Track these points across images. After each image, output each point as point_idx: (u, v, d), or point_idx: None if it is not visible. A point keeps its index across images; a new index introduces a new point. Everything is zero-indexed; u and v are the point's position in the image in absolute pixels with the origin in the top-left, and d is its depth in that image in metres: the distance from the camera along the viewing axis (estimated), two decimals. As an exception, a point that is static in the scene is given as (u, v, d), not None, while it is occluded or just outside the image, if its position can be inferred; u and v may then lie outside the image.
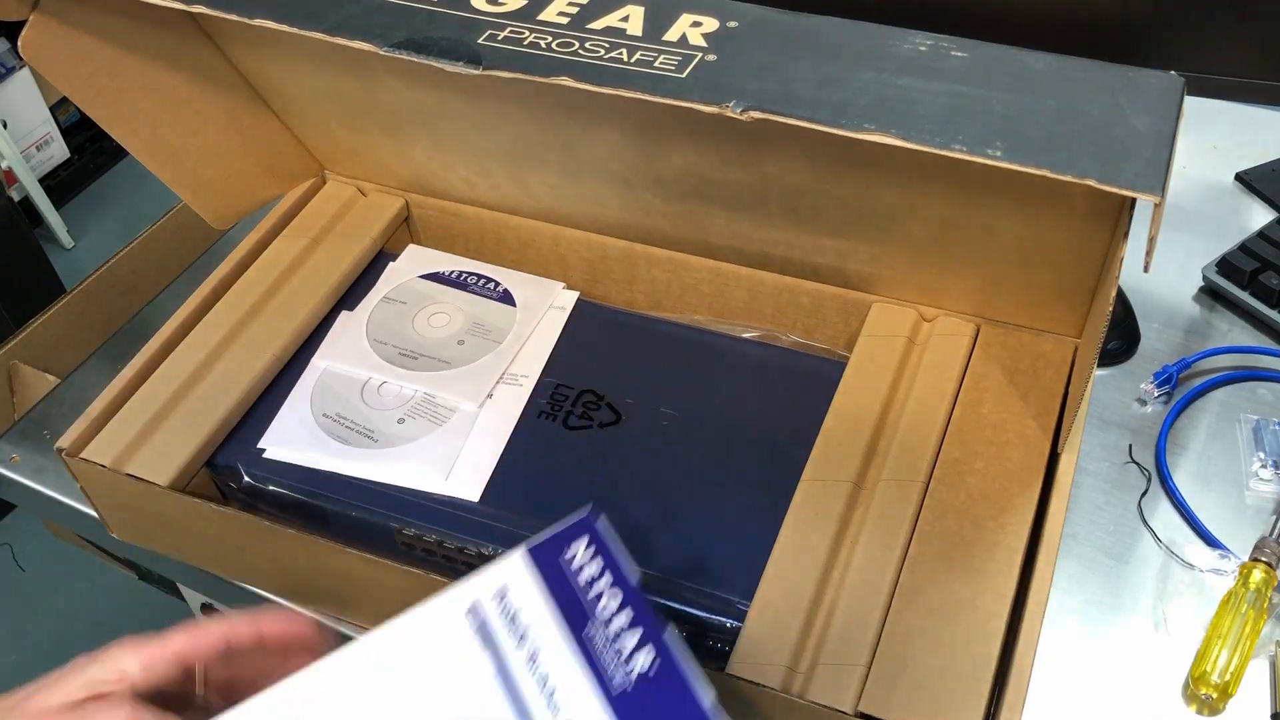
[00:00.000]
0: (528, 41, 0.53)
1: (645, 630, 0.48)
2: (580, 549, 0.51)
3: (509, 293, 0.76)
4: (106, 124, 0.70)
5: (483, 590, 0.51)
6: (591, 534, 0.51)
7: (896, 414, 0.65)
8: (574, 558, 0.51)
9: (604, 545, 0.51)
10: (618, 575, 0.50)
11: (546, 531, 0.51)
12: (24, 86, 2.13)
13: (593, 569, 0.50)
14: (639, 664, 0.47)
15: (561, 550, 0.51)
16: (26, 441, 0.82)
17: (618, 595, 0.49)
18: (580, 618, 0.50)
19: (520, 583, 0.51)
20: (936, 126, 0.47)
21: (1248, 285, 0.82)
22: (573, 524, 0.52)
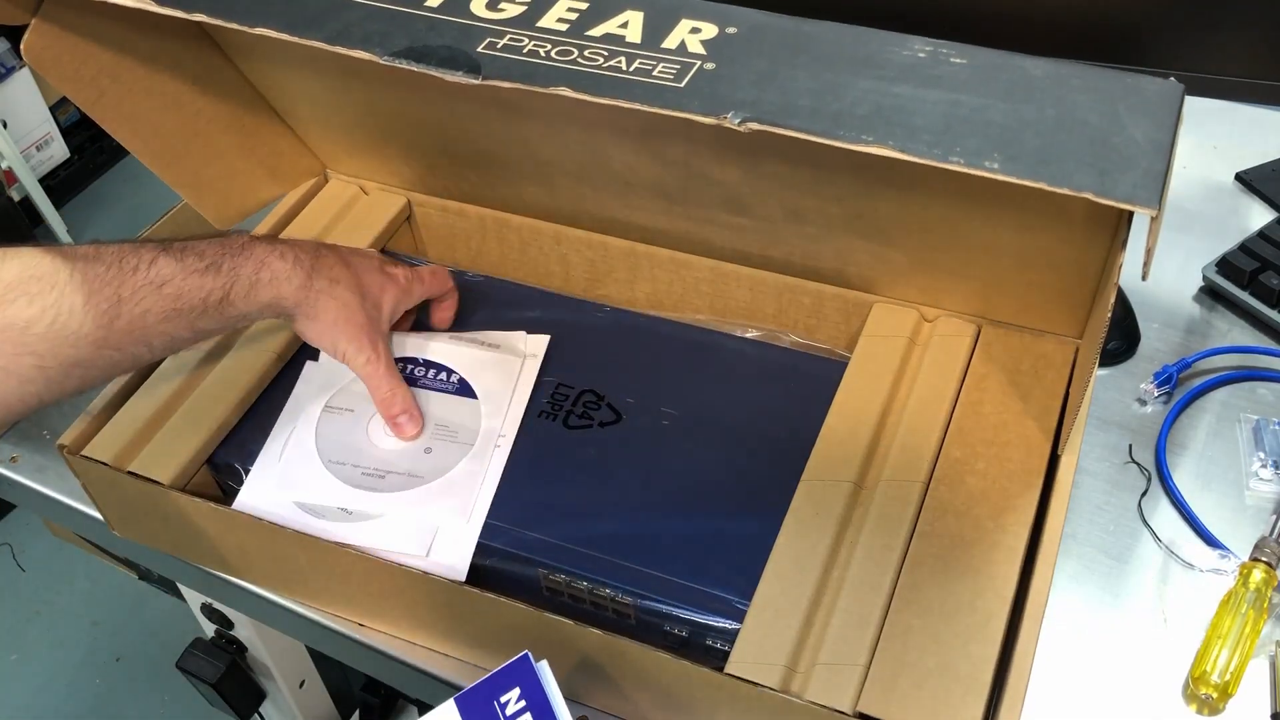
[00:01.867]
0: (527, 49, 0.53)
1: None
2: (514, 696, 0.50)
3: (466, 384, 0.70)
4: (109, 126, 0.70)
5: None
6: (525, 682, 0.50)
7: (897, 414, 0.65)
8: (507, 704, 0.49)
9: (539, 694, 0.49)
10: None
11: (482, 680, 0.50)
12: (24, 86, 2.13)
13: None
14: None
15: (495, 695, 0.50)
16: (27, 441, 0.82)
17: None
18: None
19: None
20: (935, 137, 0.47)
21: (1248, 285, 0.82)
22: (508, 668, 0.50)
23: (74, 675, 1.66)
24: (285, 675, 1.06)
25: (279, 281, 0.63)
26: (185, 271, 0.59)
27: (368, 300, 0.67)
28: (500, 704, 0.50)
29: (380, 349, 0.67)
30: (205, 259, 0.60)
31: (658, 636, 0.60)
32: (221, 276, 0.61)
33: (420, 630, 0.65)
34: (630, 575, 0.60)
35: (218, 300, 0.60)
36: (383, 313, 0.69)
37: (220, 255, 0.61)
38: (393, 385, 0.67)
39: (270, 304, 0.63)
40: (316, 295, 0.65)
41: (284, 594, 0.70)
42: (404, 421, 0.67)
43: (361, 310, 0.66)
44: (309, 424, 0.69)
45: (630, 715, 0.60)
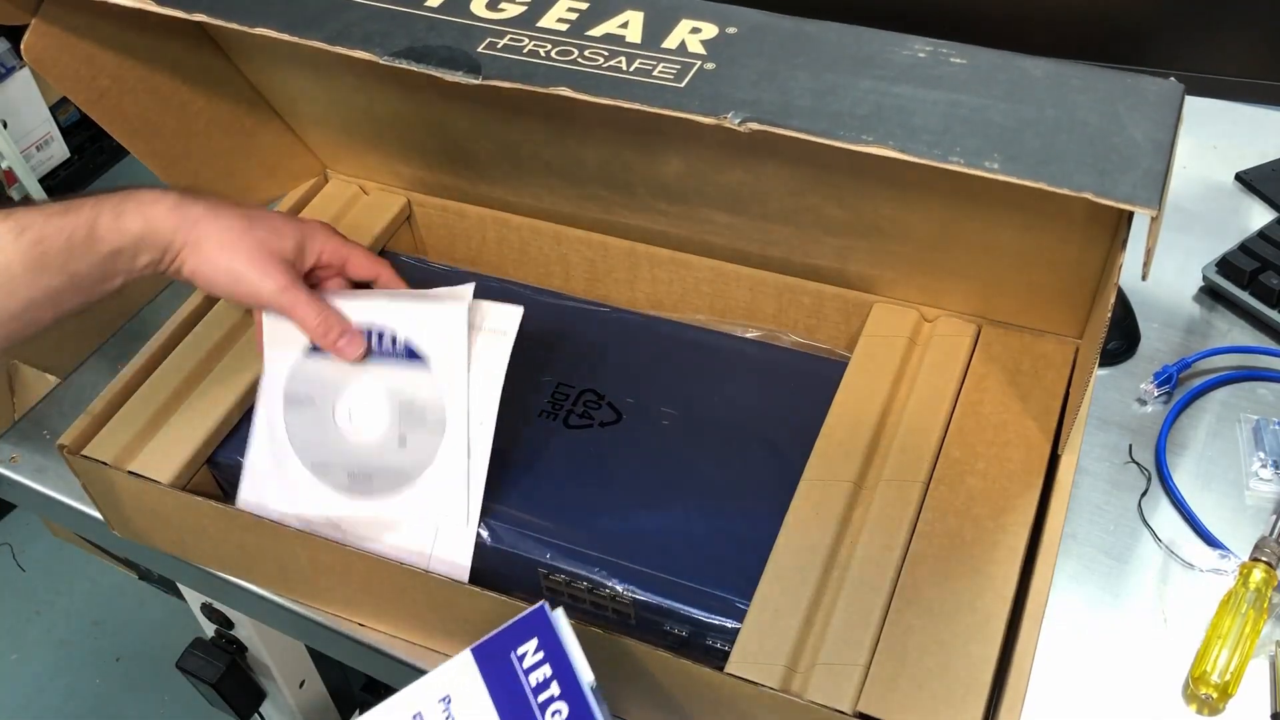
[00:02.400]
0: (527, 49, 0.53)
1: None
2: (531, 649, 0.49)
3: (410, 347, 0.65)
4: (109, 126, 0.70)
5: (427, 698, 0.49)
6: (542, 632, 0.49)
7: (897, 414, 0.65)
8: (524, 657, 0.49)
9: (556, 644, 0.49)
10: (568, 680, 0.48)
11: (497, 630, 0.49)
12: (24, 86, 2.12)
13: (543, 672, 0.48)
14: None
15: (511, 648, 0.49)
16: (26, 441, 0.82)
17: (566, 706, 0.47)
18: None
19: (466, 689, 0.49)
20: (935, 137, 0.47)
21: (1248, 285, 0.82)
22: (523, 618, 0.49)
23: (74, 675, 1.66)
24: (285, 675, 1.06)
25: (145, 205, 0.59)
26: (45, 215, 0.56)
27: (262, 226, 0.63)
28: (517, 655, 0.49)
29: (292, 274, 0.63)
30: (68, 203, 0.58)
31: (658, 636, 0.60)
32: (85, 212, 0.57)
33: (420, 630, 0.65)
34: (630, 575, 0.60)
35: (83, 237, 0.57)
36: (285, 241, 0.64)
37: (85, 198, 0.58)
38: (319, 308, 0.64)
39: (143, 235, 0.59)
40: (196, 219, 0.60)
41: (284, 594, 0.70)
42: (345, 345, 0.64)
43: (253, 234, 0.62)
44: (277, 423, 0.66)
45: (630, 715, 0.60)
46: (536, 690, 0.48)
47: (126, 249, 0.59)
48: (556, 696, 0.47)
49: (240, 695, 1.06)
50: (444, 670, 0.50)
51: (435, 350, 0.65)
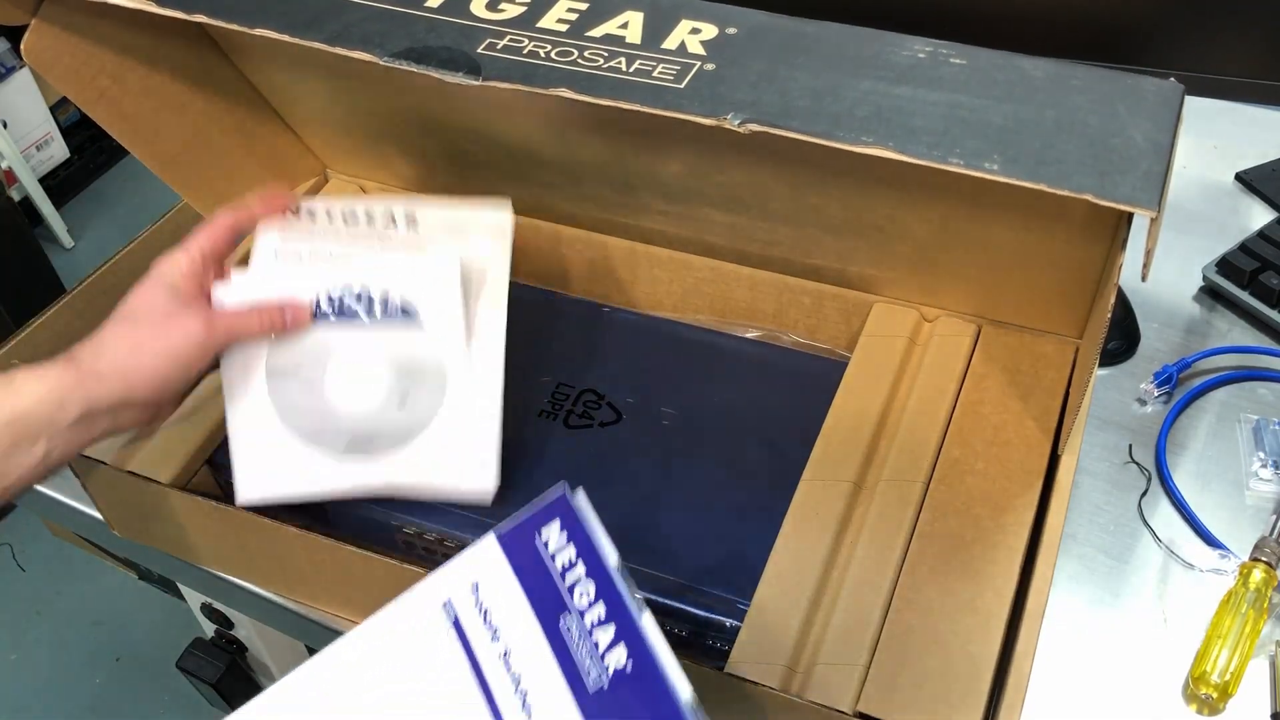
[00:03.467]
0: (527, 50, 0.53)
1: (620, 625, 0.46)
2: (554, 532, 0.49)
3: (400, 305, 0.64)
4: (109, 126, 0.70)
5: (456, 583, 0.50)
6: (565, 515, 0.49)
7: (897, 414, 0.65)
8: (548, 541, 0.49)
9: (579, 527, 0.49)
10: (593, 561, 0.48)
11: (520, 513, 0.49)
12: (24, 86, 2.13)
13: (568, 554, 0.48)
14: (614, 661, 0.46)
15: (535, 534, 0.49)
16: (28, 442, 0.82)
17: (592, 585, 0.47)
18: (556, 607, 0.48)
19: (493, 574, 0.49)
20: (934, 139, 0.47)
21: (1248, 285, 0.82)
22: (545, 506, 0.49)
23: (74, 675, 1.66)
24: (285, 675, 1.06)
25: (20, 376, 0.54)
26: None
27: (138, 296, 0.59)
28: (542, 540, 0.49)
29: (201, 309, 0.60)
30: None
31: (658, 636, 0.60)
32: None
33: (420, 630, 0.65)
34: (630, 574, 0.60)
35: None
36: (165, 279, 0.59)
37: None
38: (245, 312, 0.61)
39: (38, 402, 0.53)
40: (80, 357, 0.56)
41: (284, 594, 0.70)
42: (292, 319, 0.62)
43: (135, 309, 0.58)
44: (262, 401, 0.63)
45: (630, 715, 0.60)
46: (563, 573, 0.48)
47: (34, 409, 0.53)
48: (583, 578, 0.48)
49: (240, 695, 1.06)
50: (469, 557, 0.50)
51: (425, 307, 0.64)
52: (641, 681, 0.45)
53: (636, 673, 0.45)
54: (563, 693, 0.46)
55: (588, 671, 0.46)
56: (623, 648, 0.45)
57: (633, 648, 0.45)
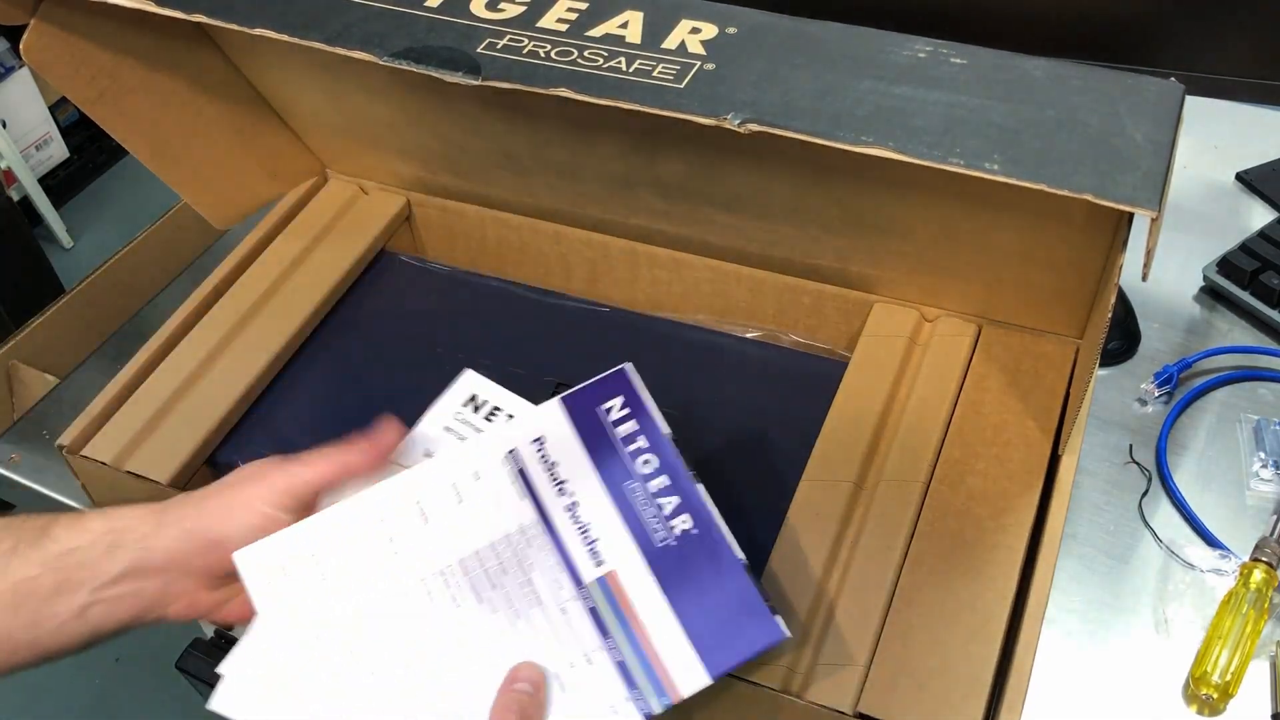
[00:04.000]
0: (527, 50, 0.53)
1: (683, 495, 0.51)
2: (616, 404, 0.53)
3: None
4: (108, 126, 0.70)
5: (519, 436, 0.53)
6: (627, 391, 0.53)
7: (897, 414, 0.65)
8: (610, 410, 0.53)
9: (639, 402, 0.53)
10: (654, 435, 0.52)
11: (582, 384, 0.53)
12: (23, 86, 2.13)
13: (629, 426, 0.52)
14: (680, 524, 0.50)
15: (597, 403, 0.53)
16: (26, 441, 0.82)
17: (655, 458, 0.52)
18: (620, 472, 0.52)
19: (557, 431, 0.53)
20: (935, 138, 0.47)
21: (1248, 285, 0.82)
22: (607, 377, 0.53)
23: (74, 675, 1.66)
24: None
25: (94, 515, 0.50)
26: None
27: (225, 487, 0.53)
28: (603, 410, 0.53)
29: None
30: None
31: (658, 637, 0.60)
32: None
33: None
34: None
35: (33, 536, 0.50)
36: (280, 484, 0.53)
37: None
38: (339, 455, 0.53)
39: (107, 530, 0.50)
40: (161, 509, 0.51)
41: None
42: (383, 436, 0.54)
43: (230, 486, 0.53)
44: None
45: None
46: (625, 441, 0.52)
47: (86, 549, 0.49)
48: (646, 449, 0.52)
49: (240, 695, 1.06)
50: (533, 415, 0.54)
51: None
52: (704, 543, 0.50)
53: (700, 535, 0.50)
54: (630, 545, 0.50)
55: (654, 531, 0.51)
56: (687, 515, 0.51)
57: (696, 514, 0.51)
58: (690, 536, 0.50)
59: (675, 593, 0.50)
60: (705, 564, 0.49)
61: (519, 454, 0.53)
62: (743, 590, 0.49)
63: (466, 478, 0.53)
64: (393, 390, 0.71)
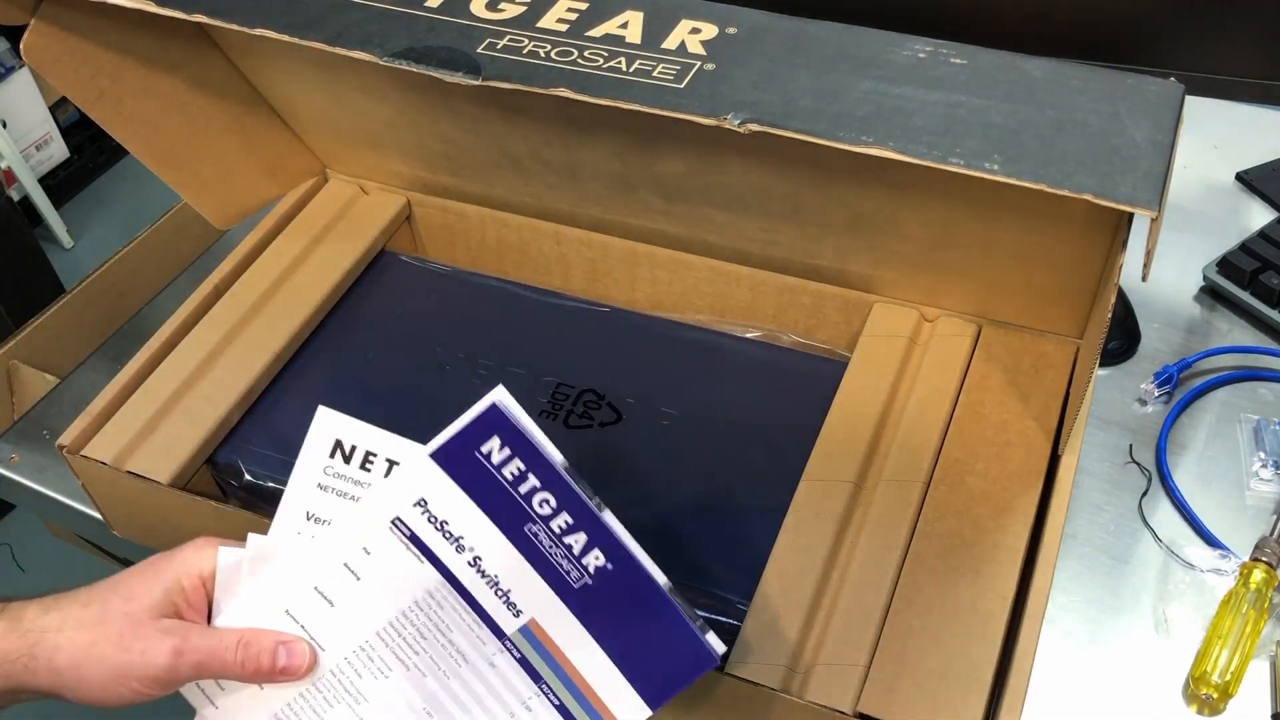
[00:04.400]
0: (527, 50, 0.53)
1: (590, 530, 0.47)
2: (495, 445, 0.47)
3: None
4: (108, 126, 0.70)
5: (400, 502, 0.49)
6: (502, 427, 0.47)
7: (897, 414, 0.65)
8: (490, 453, 0.47)
9: (519, 437, 0.47)
10: (544, 470, 0.47)
11: (448, 429, 0.48)
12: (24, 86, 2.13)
13: (515, 465, 0.47)
14: (592, 560, 0.47)
15: (474, 446, 0.47)
16: (26, 441, 0.82)
17: (551, 495, 0.47)
18: (517, 516, 0.48)
19: (437, 488, 0.48)
20: (934, 138, 0.47)
21: (1248, 285, 0.82)
22: (477, 419, 0.47)
23: (74, 675, 1.66)
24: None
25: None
26: None
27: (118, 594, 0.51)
28: (483, 454, 0.47)
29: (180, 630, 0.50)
30: None
31: (658, 637, 0.60)
32: None
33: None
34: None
35: None
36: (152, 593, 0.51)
37: None
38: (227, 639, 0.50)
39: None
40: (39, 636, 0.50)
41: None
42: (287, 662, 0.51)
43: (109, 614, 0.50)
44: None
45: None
46: (515, 482, 0.47)
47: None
48: (539, 488, 0.47)
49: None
50: (402, 479, 0.49)
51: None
52: (622, 575, 0.47)
53: (616, 570, 0.47)
54: (544, 591, 0.48)
55: (567, 572, 0.48)
56: (598, 551, 0.47)
57: (607, 548, 0.47)
58: (606, 572, 0.47)
59: (601, 631, 0.48)
60: (627, 597, 0.47)
61: (403, 521, 0.49)
62: (670, 617, 0.47)
63: (357, 554, 0.50)
64: (393, 390, 0.71)
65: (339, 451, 0.52)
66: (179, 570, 0.52)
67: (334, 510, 0.52)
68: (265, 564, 0.52)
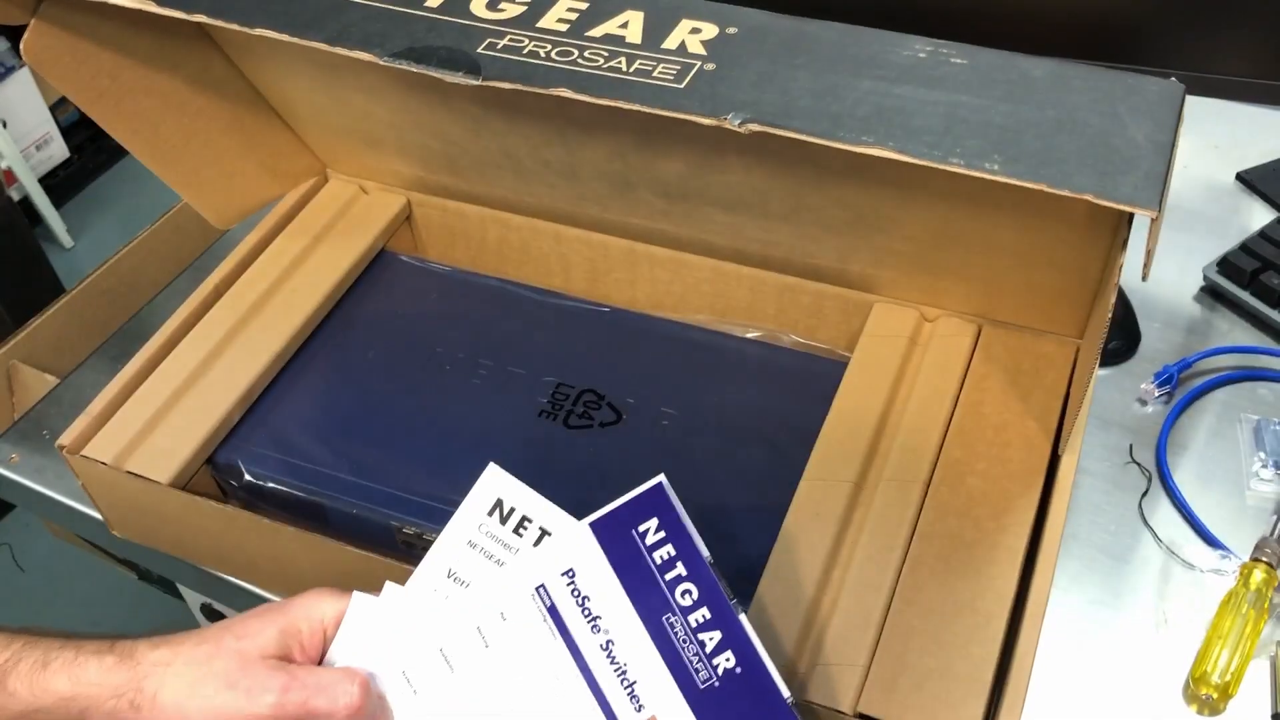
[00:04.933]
0: (527, 50, 0.53)
1: (726, 629, 0.46)
2: (653, 526, 0.47)
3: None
4: (109, 126, 0.70)
5: (548, 569, 0.48)
6: (663, 510, 0.47)
7: (898, 414, 0.65)
8: (646, 533, 0.47)
9: (677, 523, 0.47)
10: (693, 562, 0.47)
11: (614, 504, 0.48)
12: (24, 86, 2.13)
13: (666, 550, 0.47)
14: (723, 662, 0.46)
15: (632, 525, 0.47)
16: (26, 441, 0.82)
17: (695, 588, 0.47)
18: (659, 604, 0.47)
19: (589, 561, 0.48)
20: (935, 138, 0.47)
21: (1248, 285, 0.82)
22: (642, 496, 0.48)
23: (74, 675, 1.66)
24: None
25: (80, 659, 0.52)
26: None
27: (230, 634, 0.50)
28: (639, 533, 0.47)
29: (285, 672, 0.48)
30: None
31: (658, 637, 0.60)
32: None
33: (420, 630, 0.65)
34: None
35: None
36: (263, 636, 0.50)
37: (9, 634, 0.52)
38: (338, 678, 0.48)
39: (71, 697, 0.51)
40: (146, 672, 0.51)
41: (284, 594, 0.70)
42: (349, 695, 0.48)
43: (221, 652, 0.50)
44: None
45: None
46: (663, 568, 0.47)
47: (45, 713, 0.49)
48: (685, 577, 0.47)
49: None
50: (562, 544, 0.48)
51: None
52: (749, 682, 0.46)
53: (744, 674, 0.46)
54: (671, 687, 0.46)
55: (696, 670, 0.46)
56: (730, 652, 0.46)
57: (740, 651, 0.46)
58: (734, 675, 0.46)
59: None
60: (750, 706, 0.46)
61: (548, 590, 0.48)
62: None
63: (492, 619, 0.48)
64: (393, 391, 0.71)
65: (497, 511, 0.51)
66: (298, 614, 0.50)
67: (477, 571, 0.50)
68: (394, 617, 0.50)
